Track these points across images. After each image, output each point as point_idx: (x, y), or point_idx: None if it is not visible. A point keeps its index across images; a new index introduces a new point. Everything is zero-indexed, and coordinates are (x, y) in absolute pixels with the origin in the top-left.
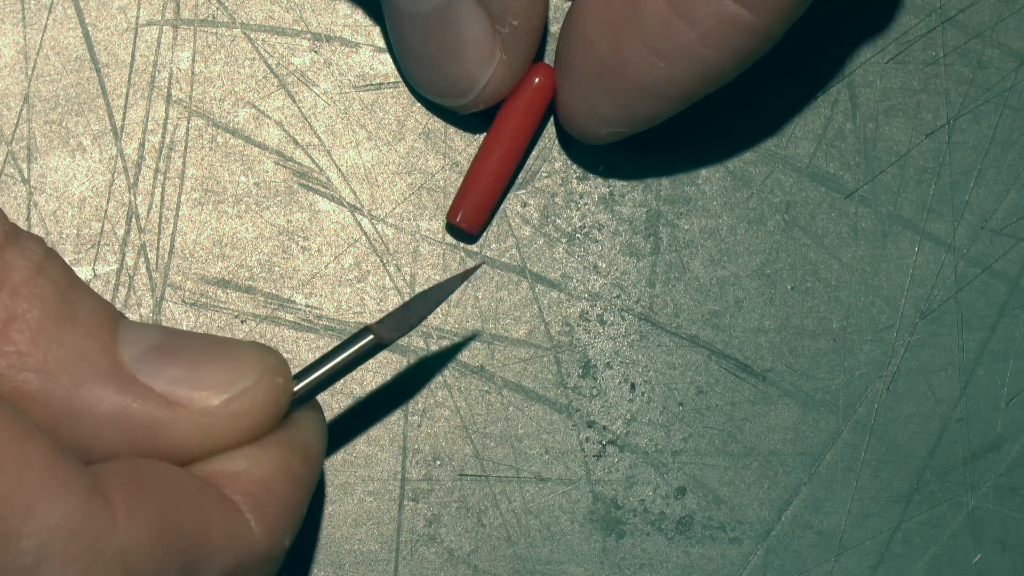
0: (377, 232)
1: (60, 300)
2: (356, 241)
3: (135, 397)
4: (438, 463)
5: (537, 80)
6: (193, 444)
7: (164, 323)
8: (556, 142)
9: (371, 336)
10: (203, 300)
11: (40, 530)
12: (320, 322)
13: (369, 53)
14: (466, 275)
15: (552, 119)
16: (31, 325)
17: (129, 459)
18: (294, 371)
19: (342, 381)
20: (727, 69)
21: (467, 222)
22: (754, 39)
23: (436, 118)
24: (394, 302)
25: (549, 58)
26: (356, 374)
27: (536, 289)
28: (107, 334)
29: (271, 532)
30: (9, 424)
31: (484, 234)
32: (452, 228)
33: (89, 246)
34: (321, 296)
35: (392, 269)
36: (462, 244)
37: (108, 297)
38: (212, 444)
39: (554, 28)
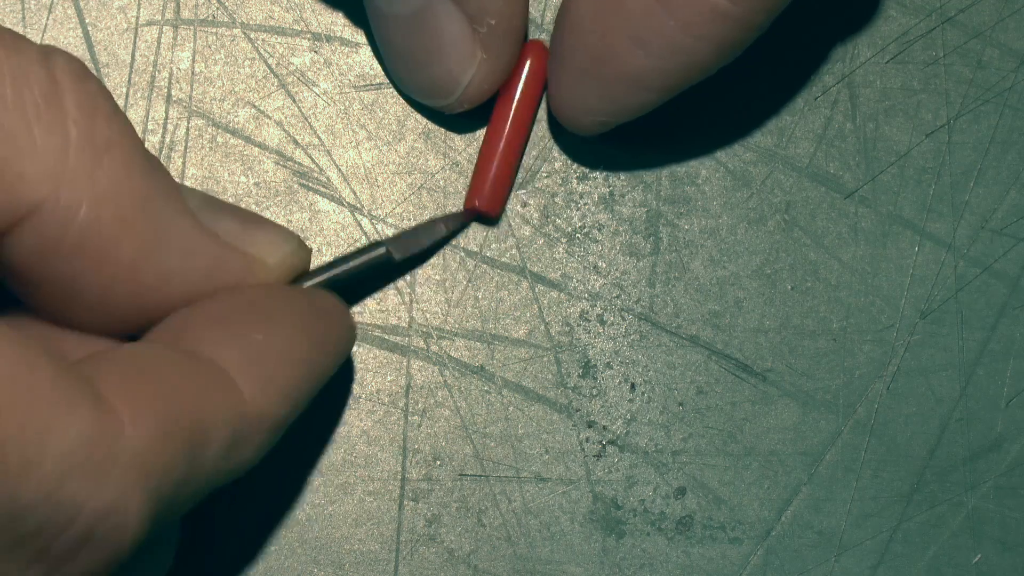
0: (377, 232)
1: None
2: (356, 241)
3: (209, 236)
4: (438, 463)
5: (530, 58)
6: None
7: None
8: (556, 143)
9: (382, 248)
10: None
11: (58, 454)
12: None
13: (369, 53)
14: (469, 215)
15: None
16: (125, 153)
17: (118, 354)
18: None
19: (342, 381)
20: (710, 60)
21: (486, 204)
22: (736, 29)
23: (436, 118)
24: (394, 302)
25: None
26: (356, 374)
27: (536, 289)
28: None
29: (261, 393)
30: (14, 351)
31: (484, 234)
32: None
33: None
34: None
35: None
36: (461, 244)
37: None
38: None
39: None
